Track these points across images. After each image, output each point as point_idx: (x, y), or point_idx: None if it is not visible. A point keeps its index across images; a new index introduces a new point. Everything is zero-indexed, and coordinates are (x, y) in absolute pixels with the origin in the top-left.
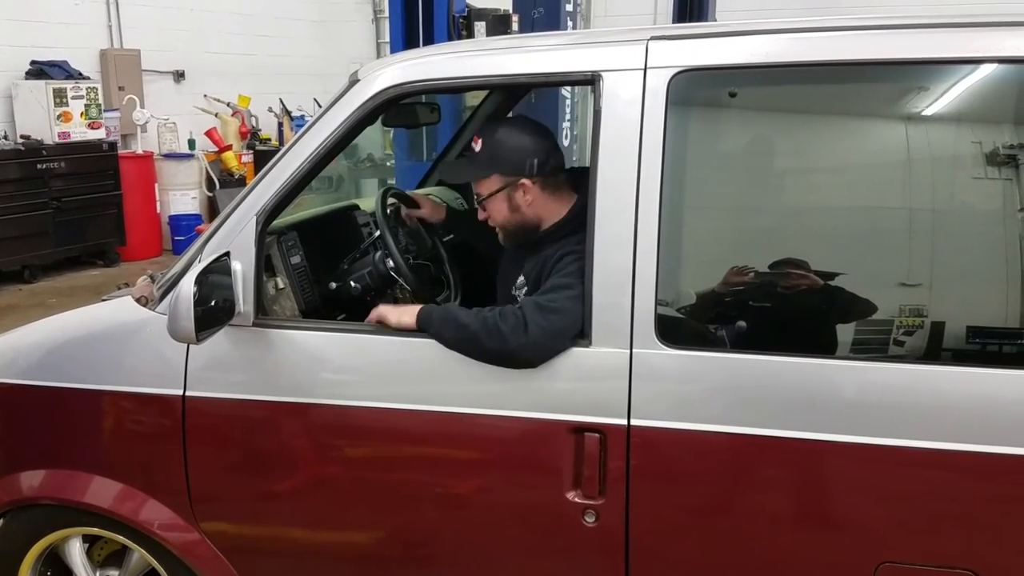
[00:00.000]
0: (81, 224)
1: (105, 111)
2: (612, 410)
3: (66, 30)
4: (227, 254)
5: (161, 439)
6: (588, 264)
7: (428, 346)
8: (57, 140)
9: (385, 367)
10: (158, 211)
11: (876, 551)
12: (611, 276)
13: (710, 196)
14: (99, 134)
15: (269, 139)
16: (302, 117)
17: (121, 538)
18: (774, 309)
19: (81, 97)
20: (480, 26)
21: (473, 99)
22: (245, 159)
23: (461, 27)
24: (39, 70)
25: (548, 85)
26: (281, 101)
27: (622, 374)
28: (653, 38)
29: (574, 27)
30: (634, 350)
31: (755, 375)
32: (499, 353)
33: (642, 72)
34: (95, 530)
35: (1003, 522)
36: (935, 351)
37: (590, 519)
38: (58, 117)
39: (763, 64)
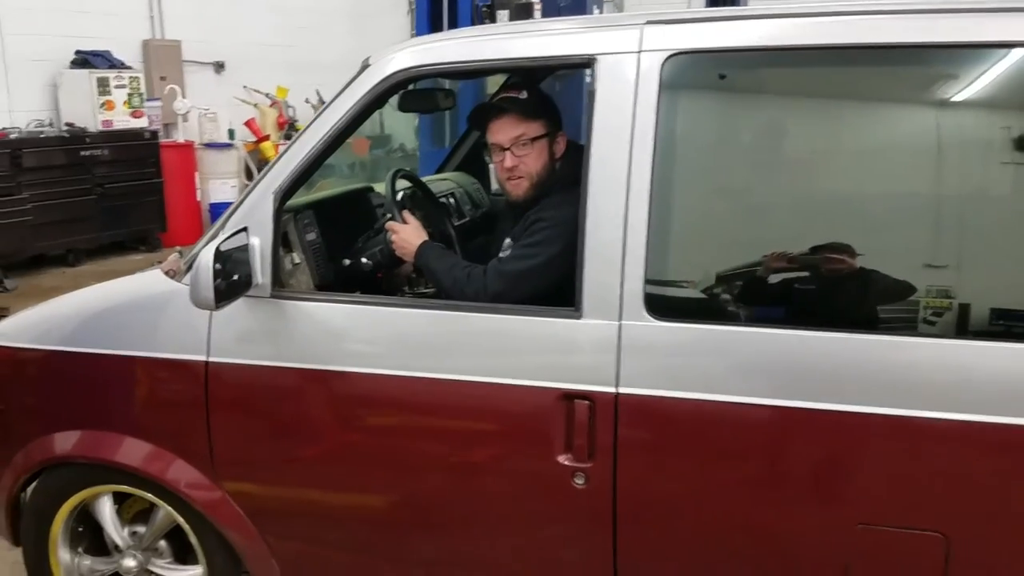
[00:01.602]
0: (124, 210)
1: (147, 100)
2: (601, 379)
3: (109, 21)
4: (245, 229)
5: (186, 403)
6: (580, 236)
7: (430, 317)
8: (100, 128)
9: (391, 337)
10: (198, 199)
11: (853, 514)
12: (602, 251)
13: (700, 175)
14: (141, 123)
15: None
16: None
17: (149, 496)
18: (764, 284)
19: (124, 86)
20: (503, 15)
21: (493, 87)
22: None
23: (484, 16)
24: (83, 60)
25: (549, 68)
26: (317, 92)
27: (611, 344)
28: (649, 22)
29: (601, 13)
30: (623, 322)
31: (739, 347)
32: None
33: (636, 55)
34: (125, 488)
35: (970, 488)
36: (912, 324)
37: (579, 481)
38: (101, 106)
39: (753, 48)
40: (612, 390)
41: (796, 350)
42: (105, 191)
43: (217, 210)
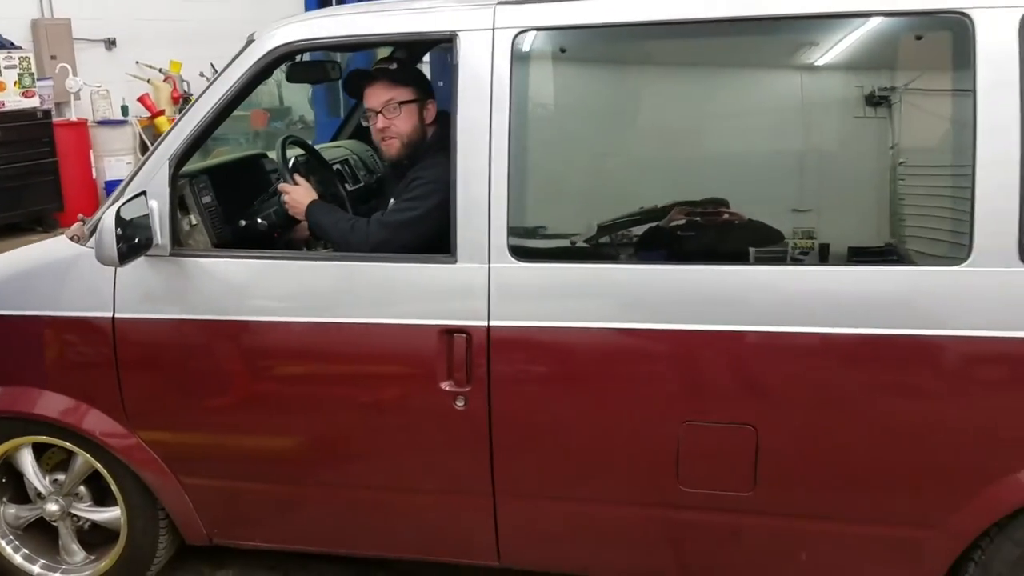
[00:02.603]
0: (18, 192)
1: (38, 80)
2: (475, 315)
3: None
4: (144, 193)
5: (96, 356)
6: (452, 192)
7: (321, 268)
8: None
9: (286, 287)
10: (94, 177)
11: (681, 415)
12: (470, 203)
13: (549, 135)
14: (33, 103)
15: None
16: None
17: (68, 444)
18: (609, 228)
19: (14, 67)
20: None
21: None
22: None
23: None
24: None
25: (416, 43)
26: (212, 66)
27: (482, 285)
28: (500, 3)
29: None
30: (491, 265)
31: (590, 281)
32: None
33: (491, 32)
34: (44, 438)
35: (772, 387)
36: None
37: (460, 404)
38: None
39: (588, 25)
40: (484, 324)
41: (634, 281)
42: None
43: (112, 187)
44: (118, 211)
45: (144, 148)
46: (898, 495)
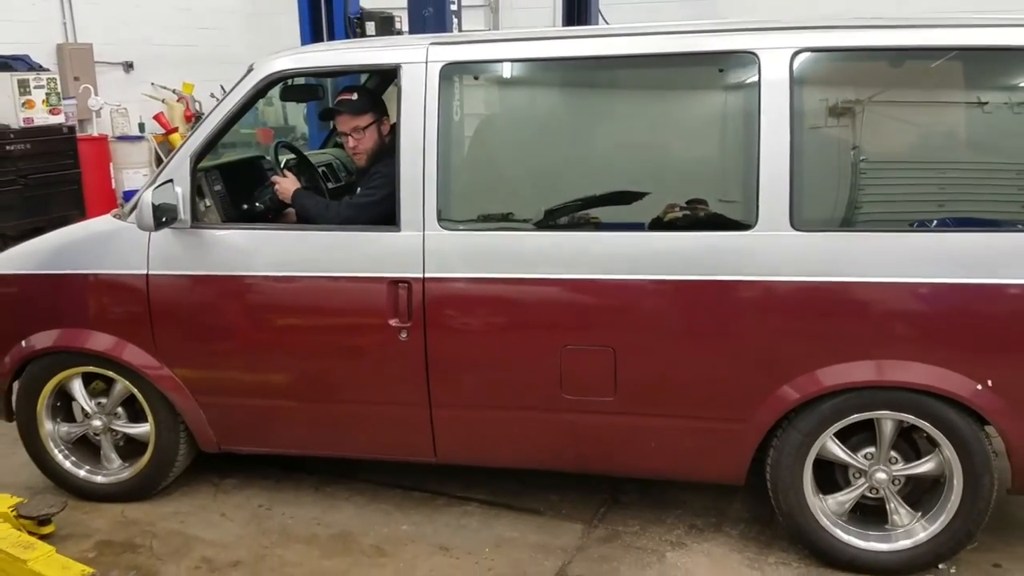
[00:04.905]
0: (45, 199)
1: (63, 99)
2: (413, 269)
3: (26, 27)
4: (171, 180)
5: (134, 304)
6: (396, 180)
7: (302, 235)
8: (22, 125)
9: (278, 251)
10: (113, 187)
11: (563, 341)
12: (411, 188)
13: (465, 137)
14: (59, 119)
15: None
16: None
17: (111, 373)
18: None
19: (42, 87)
20: (371, 25)
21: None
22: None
23: (356, 26)
24: (4, 63)
25: (372, 72)
26: (221, 87)
27: (418, 247)
28: (432, 43)
29: (459, 24)
30: (425, 232)
31: (495, 243)
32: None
33: (424, 64)
34: (91, 369)
35: (624, 320)
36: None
37: (404, 336)
38: (22, 105)
39: (493, 59)
40: (420, 276)
41: (527, 243)
42: (28, 182)
43: (129, 196)
44: (153, 192)
45: (159, 161)
46: (718, 397)
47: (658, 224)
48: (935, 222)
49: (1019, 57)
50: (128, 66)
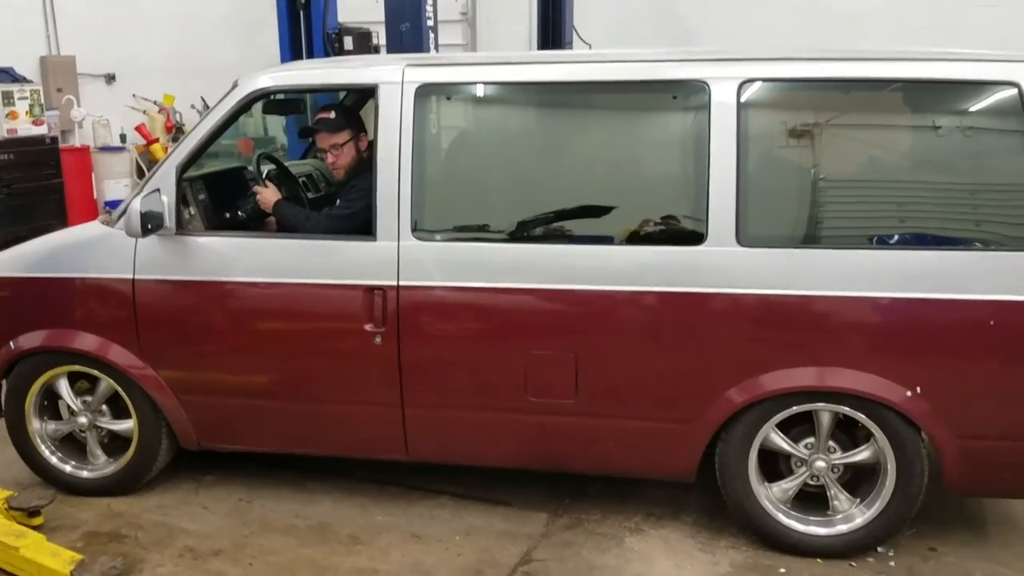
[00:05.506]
0: (28, 208)
1: (47, 110)
2: (389, 276)
3: (9, 39)
4: (158, 190)
5: (120, 306)
6: (373, 193)
7: (283, 243)
8: (6, 135)
9: (258, 258)
10: (95, 197)
11: (528, 347)
12: (387, 200)
13: (438, 155)
14: (42, 130)
15: None
16: None
17: (96, 372)
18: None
19: (26, 98)
20: (349, 40)
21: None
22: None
23: (335, 41)
24: None
25: (350, 90)
26: (203, 99)
27: (393, 256)
28: (408, 65)
29: (436, 38)
30: (400, 242)
31: (465, 253)
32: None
33: (400, 84)
34: (78, 368)
35: (585, 327)
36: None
37: (378, 340)
38: (7, 116)
39: (464, 82)
40: (395, 283)
41: (497, 255)
42: (11, 191)
43: (112, 206)
44: (141, 200)
45: (141, 172)
46: (672, 399)
47: (619, 238)
48: (874, 239)
49: (950, 89)
50: (110, 78)
